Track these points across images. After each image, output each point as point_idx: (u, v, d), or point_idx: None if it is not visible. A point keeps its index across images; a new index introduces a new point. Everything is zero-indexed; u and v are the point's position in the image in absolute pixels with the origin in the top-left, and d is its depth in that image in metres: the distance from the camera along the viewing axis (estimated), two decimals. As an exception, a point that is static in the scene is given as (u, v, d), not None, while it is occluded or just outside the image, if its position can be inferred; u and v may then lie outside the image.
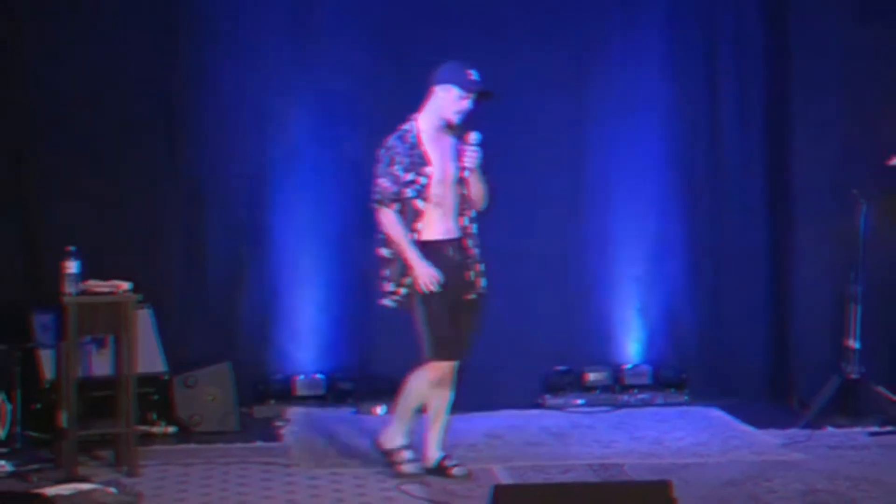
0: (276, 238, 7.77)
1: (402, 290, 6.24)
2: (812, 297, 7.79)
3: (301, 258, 7.77)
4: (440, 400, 6.33)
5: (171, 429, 7.23)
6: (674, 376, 8.02)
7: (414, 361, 6.41)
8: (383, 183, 6.20)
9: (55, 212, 7.39)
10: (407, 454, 6.36)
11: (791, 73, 7.84)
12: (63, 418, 6.35)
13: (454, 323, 6.21)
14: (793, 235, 7.91)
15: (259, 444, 7.04)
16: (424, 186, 6.18)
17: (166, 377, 7.26)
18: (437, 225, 6.21)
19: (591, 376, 7.93)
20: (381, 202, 6.21)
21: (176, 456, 6.75)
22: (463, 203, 6.27)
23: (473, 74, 6.19)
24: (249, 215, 7.76)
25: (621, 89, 7.95)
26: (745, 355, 8.07)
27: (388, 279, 6.28)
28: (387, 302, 6.29)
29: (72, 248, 6.30)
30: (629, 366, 8.01)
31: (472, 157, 6.20)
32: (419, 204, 6.19)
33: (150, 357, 7.06)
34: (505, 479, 6.31)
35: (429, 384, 6.26)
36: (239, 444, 7.00)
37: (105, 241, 7.25)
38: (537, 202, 7.93)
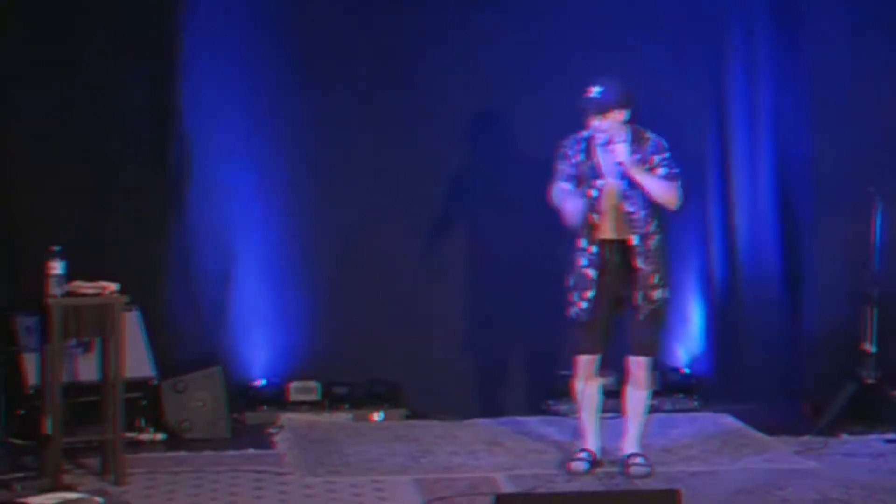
0: (269, 239, 7.73)
1: (584, 304, 6.52)
2: (826, 299, 7.75)
3: (295, 260, 7.75)
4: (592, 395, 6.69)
5: (159, 435, 7.19)
6: (683, 381, 7.99)
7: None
8: (559, 184, 6.50)
9: (39, 211, 7.34)
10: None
11: (803, 69, 7.83)
12: (48, 425, 6.30)
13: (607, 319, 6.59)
14: (806, 235, 7.89)
15: (251, 451, 7.00)
16: (596, 199, 6.40)
17: (155, 382, 7.23)
18: (605, 227, 6.44)
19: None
20: (556, 199, 6.53)
21: (165, 464, 6.71)
22: (633, 222, 6.43)
23: (592, 91, 6.37)
24: (241, 216, 7.73)
25: (632, 90, 7.63)
26: (757, 359, 8.04)
27: (571, 289, 6.56)
28: (571, 312, 6.57)
29: (56, 247, 6.25)
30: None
31: (616, 154, 6.34)
32: (593, 217, 6.43)
33: (137, 361, 7.02)
34: (507, 488, 6.31)
35: (575, 380, 6.66)
36: (230, 452, 6.96)
37: (92, 241, 7.21)
38: (542, 204, 7.53)
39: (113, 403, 6.31)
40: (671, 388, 7.94)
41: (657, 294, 6.47)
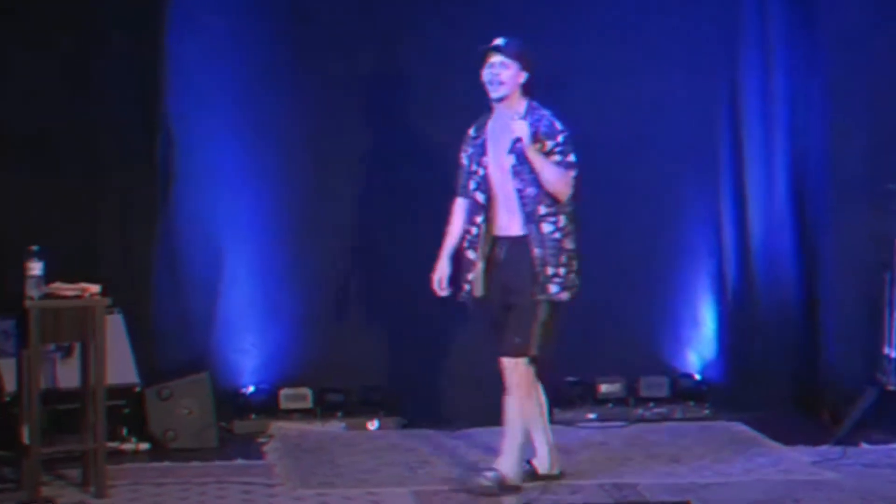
0: (259, 241, 7.70)
1: (466, 287, 6.43)
2: (844, 302, 7.67)
3: (286, 261, 7.71)
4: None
5: (143, 445, 7.13)
6: (694, 388, 7.93)
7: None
8: (459, 172, 6.51)
9: (17, 208, 7.27)
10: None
11: (817, 65, 7.75)
12: (25, 434, 6.26)
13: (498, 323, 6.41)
14: (822, 235, 7.82)
15: (240, 461, 6.95)
16: (483, 178, 6.36)
17: (138, 389, 7.17)
18: (498, 220, 6.35)
19: (604, 388, 7.84)
20: (455, 191, 6.52)
21: (149, 475, 6.66)
22: (523, 200, 6.29)
23: (497, 40, 6.31)
24: (230, 215, 7.68)
25: (640, 84, 7.89)
26: (771, 365, 7.99)
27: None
28: (461, 297, 6.46)
29: (35, 247, 6.18)
30: (645, 377, 7.91)
31: (518, 130, 6.24)
32: (480, 197, 6.37)
33: (120, 367, 6.93)
34: (510, 500, 6.23)
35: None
36: (217, 462, 6.92)
37: (73, 241, 7.17)
38: None
39: (94, 411, 6.26)
40: (682, 394, 7.90)
41: (552, 289, 6.23)
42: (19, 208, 7.23)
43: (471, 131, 6.42)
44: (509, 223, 6.29)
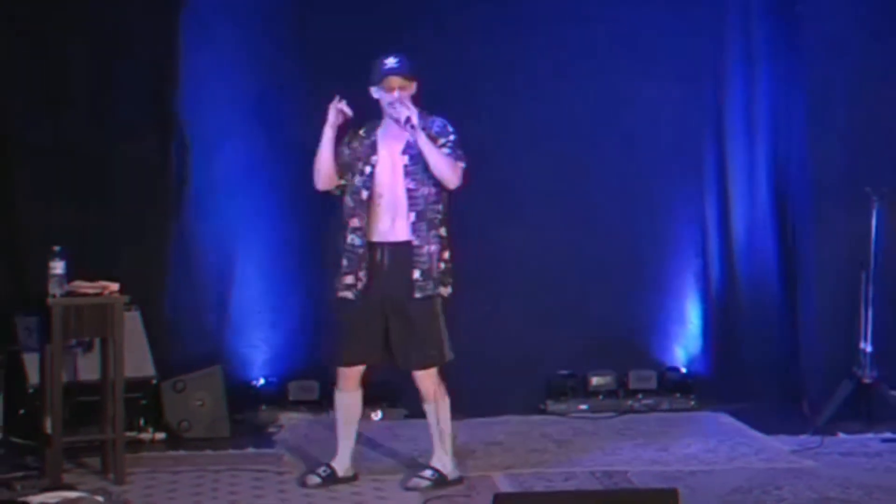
0: (269, 242, 7.73)
1: (360, 284, 6.27)
2: (823, 299, 7.70)
3: (295, 259, 7.71)
4: (352, 406, 6.40)
5: (159, 435, 7.18)
6: (680, 381, 7.97)
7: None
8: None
9: (40, 210, 7.31)
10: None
11: (799, 74, 7.78)
12: (48, 424, 6.30)
13: (367, 328, 6.26)
14: (802, 236, 7.84)
15: (251, 450, 7.00)
16: (370, 177, 6.26)
17: (155, 382, 7.19)
18: (380, 225, 6.26)
19: (595, 381, 7.88)
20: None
21: (165, 463, 6.71)
22: (413, 200, 6.24)
23: (390, 61, 6.24)
24: (241, 215, 7.72)
25: (628, 91, 7.93)
26: (754, 359, 8.02)
27: (348, 270, 6.32)
28: (345, 294, 6.31)
29: (57, 247, 6.24)
30: (634, 370, 7.94)
31: (405, 111, 6.19)
32: (364, 194, 6.27)
33: (138, 361, 6.98)
34: (505, 487, 6.27)
35: (338, 391, 6.39)
36: (230, 451, 6.97)
37: (92, 241, 7.15)
38: (540, 204, 7.92)
39: (113, 403, 6.30)
40: (669, 387, 7.91)
41: (439, 287, 6.24)
42: (41, 211, 7.28)
43: (360, 131, 6.30)
44: (392, 227, 6.22)
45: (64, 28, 7.36)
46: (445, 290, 6.30)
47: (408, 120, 6.19)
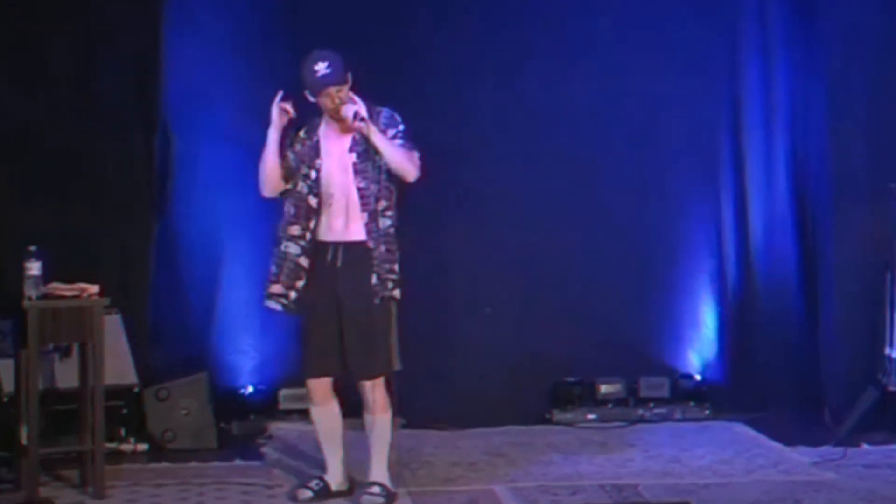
0: (256, 242, 7.57)
1: (293, 294, 6.18)
2: (845, 301, 7.62)
3: None
4: (331, 419, 6.32)
5: (141, 446, 7.13)
6: (694, 388, 7.95)
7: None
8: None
9: (16, 208, 7.26)
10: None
11: (817, 67, 7.75)
12: (24, 434, 6.28)
13: (327, 336, 6.17)
14: (822, 235, 7.80)
15: (238, 462, 6.98)
16: (316, 181, 6.18)
17: (137, 389, 7.17)
18: (331, 226, 6.18)
19: (604, 388, 7.84)
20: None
21: (147, 476, 6.68)
22: (364, 199, 6.15)
23: (320, 68, 6.08)
24: (228, 213, 7.66)
25: (639, 84, 7.90)
26: (772, 365, 7.98)
27: (276, 279, 6.24)
28: (271, 304, 6.22)
29: (33, 247, 6.19)
30: (645, 377, 7.90)
31: (353, 107, 6.10)
32: (312, 201, 6.19)
33: (119, 367, 6.94)
34: (509, 500, 6.27)
35: (311, 405, 6.32)
36: (216, 463, 6.94)
37: (71, 240, 7.14)
38: (547, 203, 7.91)
39: (93, 412, 6.27)
40: (682, 395, 7.91)
41: (393, 288, 6.12)
42: (17, 208, 7.21)
43: (301, 132, 6.21)
44: (346, 227, 6.15)
45: (44, 20, 7.32)
46: (397, 293, 6.19)
47: (356, 115, 6.08)
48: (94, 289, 6.26)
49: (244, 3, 7.62)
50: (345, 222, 6.14)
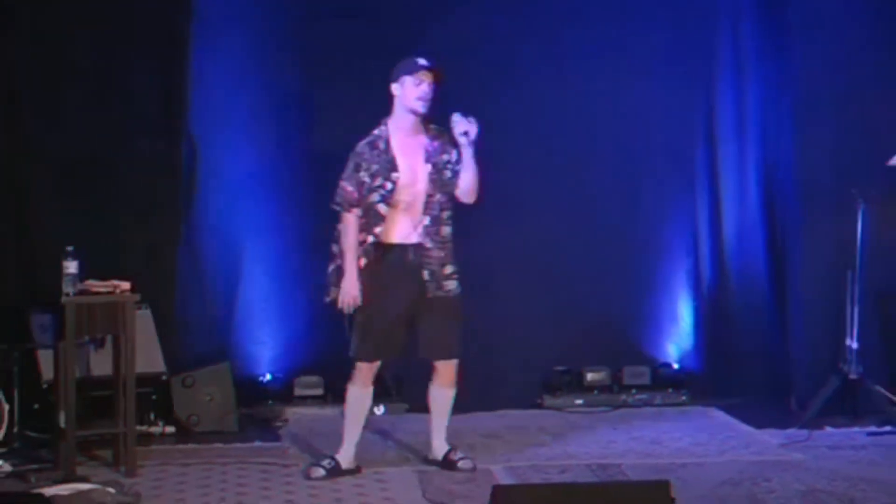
0: (276, 237, 7.73)
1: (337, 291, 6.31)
2: (810, 298, 7.70)
3: (300, 257, 7.66)
4: (366, 401, 6.42)
5: (169, 429, 7.21)
6: (672, 376, 8.00)
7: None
8: (346, 187, 6.31)
9: (54, 211, 7.33)
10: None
11: (787, 81, 7.78)
12: (62, 418, 6.33)
13: (394, 325, 6.31)
14: (790, 237, 7.84)
15: (258, 444, 7.03)
16: (391, 192, 6.24)
17: (165, 377, 7.21)
18: (397, 229, 6.28)
19: (590, 376, 7.90)
20: (341, 206, 6.33)
21: (174, 456, 6.74)
22: (429, 205, 6.31)
23: (423, 60, 6.22)
24: (249, 214, 7.74)
25: (618, 94, 7.94)
26: (743, 355, 8.04)
27: (330, 277, 6.37)
28: (328, 299, 6.38)
29: (70, 247, 6.28)
30: (628, 366, 7.97)
31: (466, 125, 6.22)
32: (382, 208, 6.25)
33: (148, 357, 7.01)
34: (504, 479, 6.30)
35: (354, 386, 6.37)
36: (237, 445, 6.99)
37: (104, 240, 7.17)
38: (536, 205, 7.93)
39: (125, 398, 6.33)
40: (661, 382, 7.94)
41: (451, 285, 6.31)
42: (56, 213, 7.30)
43: (380, 145, 6.22)
44: (410, 231, 6.25)
45: (75, 33, 7.36)
46: (458, 290, 6.36)
47: (465, 134, 6.21)
48: (126, 285, 6.36)
49: (267, 15, 7.61)
50: (409, 227, 6.26)
